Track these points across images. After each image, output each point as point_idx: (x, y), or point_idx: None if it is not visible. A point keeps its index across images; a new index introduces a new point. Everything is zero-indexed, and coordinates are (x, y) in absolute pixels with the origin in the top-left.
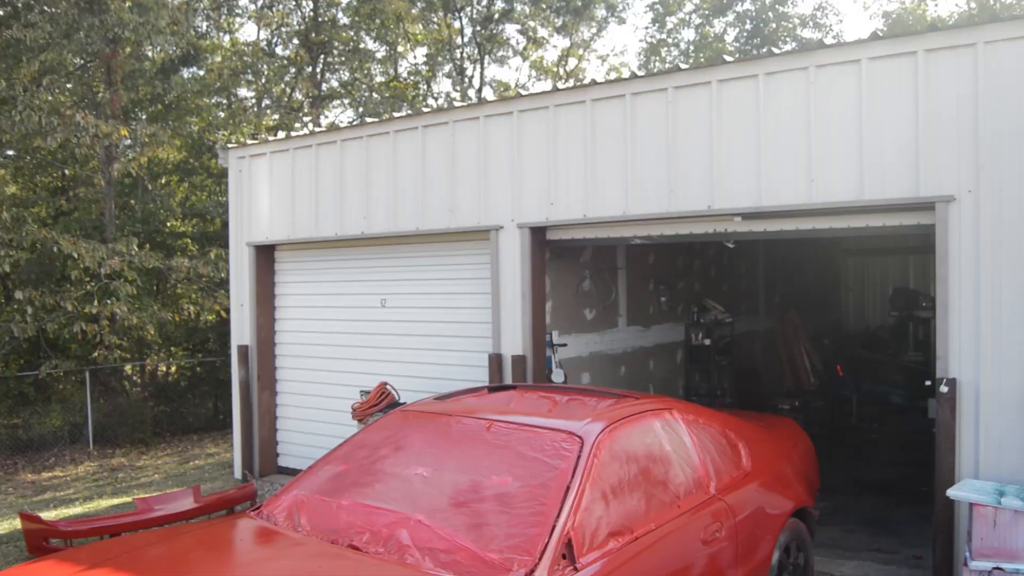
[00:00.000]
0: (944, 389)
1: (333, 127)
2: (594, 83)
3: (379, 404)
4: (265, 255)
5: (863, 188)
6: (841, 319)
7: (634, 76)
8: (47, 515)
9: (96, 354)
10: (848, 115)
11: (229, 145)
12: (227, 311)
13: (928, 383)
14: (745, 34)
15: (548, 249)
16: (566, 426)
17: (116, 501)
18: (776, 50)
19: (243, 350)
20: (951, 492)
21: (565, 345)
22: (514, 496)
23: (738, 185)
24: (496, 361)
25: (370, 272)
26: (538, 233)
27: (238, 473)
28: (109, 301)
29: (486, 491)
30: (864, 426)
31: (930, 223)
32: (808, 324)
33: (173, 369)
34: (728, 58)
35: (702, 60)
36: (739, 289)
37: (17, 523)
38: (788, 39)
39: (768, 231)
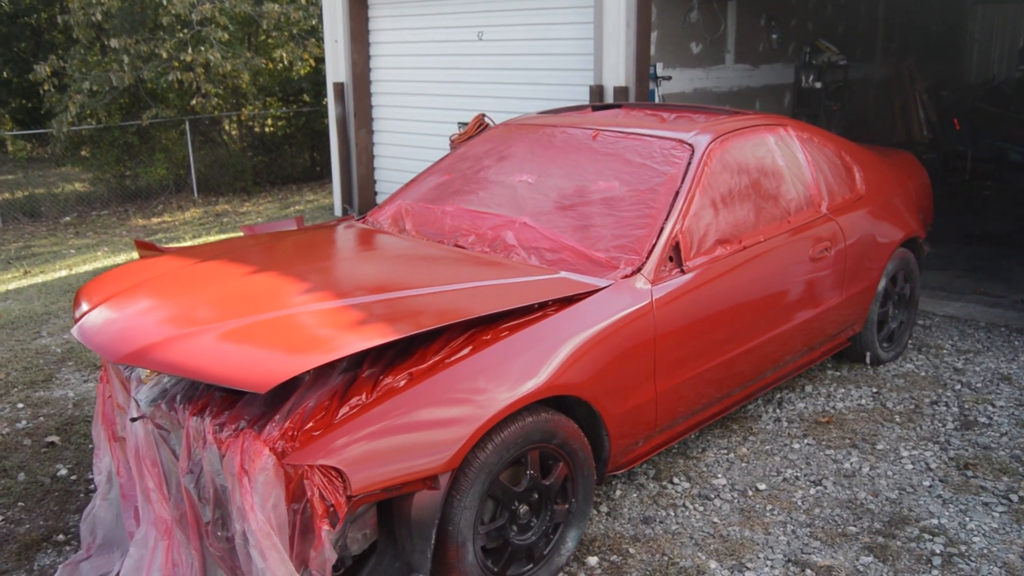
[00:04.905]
0: None
1: None
2: None
3: (477, 135)
4: None
5: None
6: (963, 71)
7: None
8: None
9: (195, 102)
10: None
11: None
12: (319, 60)
13: None
14: None
15: None
16: (676, 135)
17: (223, 237)
18: None
19: (339, 87)
20: None
21: (669, 78)
22: (621, 200)
23: None
24: (597, 92)
25: (465, 4)
26: None
27: (338, 212)
28: (202, 48)
29: (593, 196)
30: (977, 181)
31: None
32: (927, 74)
33: (269, 121)
34: None
35: None
36: (856, 32)
37: (133, 255)
38: None
39: None
